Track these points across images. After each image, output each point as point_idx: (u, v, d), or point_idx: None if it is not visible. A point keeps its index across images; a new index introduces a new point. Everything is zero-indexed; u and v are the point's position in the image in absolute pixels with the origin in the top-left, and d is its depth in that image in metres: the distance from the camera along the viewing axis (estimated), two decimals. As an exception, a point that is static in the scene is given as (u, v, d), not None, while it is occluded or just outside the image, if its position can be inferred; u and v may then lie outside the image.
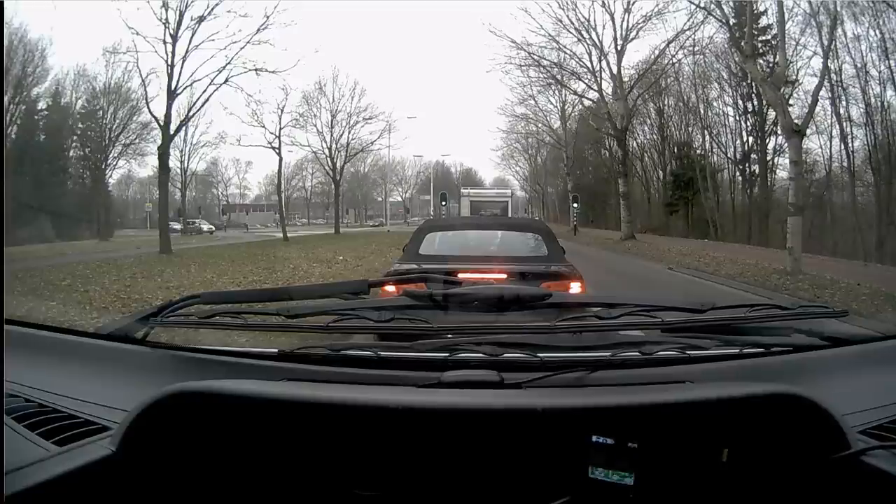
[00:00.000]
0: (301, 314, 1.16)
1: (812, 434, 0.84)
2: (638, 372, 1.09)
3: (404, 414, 0.86)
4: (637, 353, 1.10)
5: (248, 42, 17.18)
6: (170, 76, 16.73)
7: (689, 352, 1.12)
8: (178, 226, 29.70)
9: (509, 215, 21.99)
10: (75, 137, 26.33)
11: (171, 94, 16.83)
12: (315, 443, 0.88)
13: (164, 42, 16.49)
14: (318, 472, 0.89)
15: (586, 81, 26.15)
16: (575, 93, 28.08)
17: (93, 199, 25.98)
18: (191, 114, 18.97)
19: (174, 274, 10.75)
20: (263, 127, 24.31)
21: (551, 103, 33.08)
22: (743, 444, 0.86)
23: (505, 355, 1.07)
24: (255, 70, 17.65)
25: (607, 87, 25.34)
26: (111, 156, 26.06)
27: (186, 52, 16.75)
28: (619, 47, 24.67)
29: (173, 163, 27.19)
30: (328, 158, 28.99)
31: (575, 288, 3.72)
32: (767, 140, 25.94)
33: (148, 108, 20.47)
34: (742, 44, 15.75)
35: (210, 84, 17.34)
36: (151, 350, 1.21)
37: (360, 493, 0.88)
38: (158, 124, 17.35)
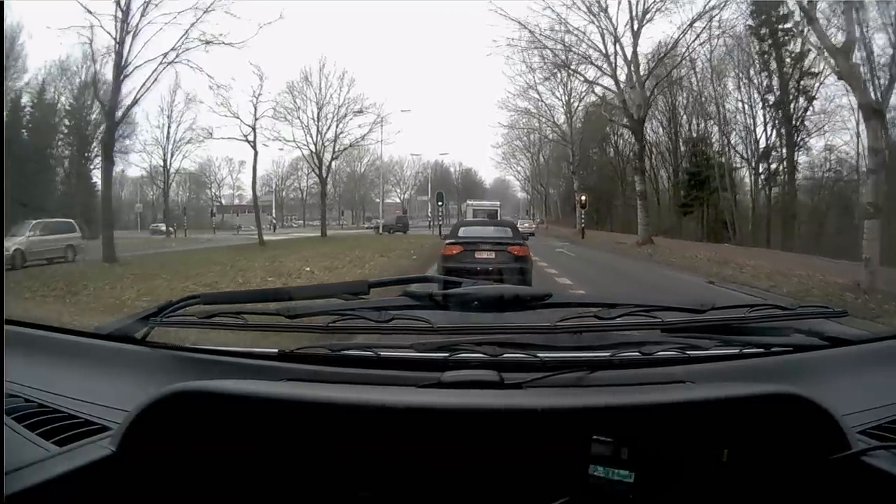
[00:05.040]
0: (301, 314, 1.16)
1: (812, 434, 0.84)
2: (638, 372, 1.09)
3: (404, 414, 0.86)
4: (637, 354, 1.10)
5: (206, 11, 15.29)
6: (118, 54, 14.75)
7: (688, 352, 1.12)
8: (163, 227, 28.46)
9: (498, 218, 25.19)
10: (61, 136, 24.87)
11: (119, 75, 14.83)
12: (315, 443, 0.88)
13: (116, 18, 14.63)
14: (318, 472, 0.89)
15: (599, 65, 23.47)
16: (585, 79, 25.63)
17: (76, 199, 23.81)
18: (138, 97, 16.29)
19: (92, 291, 9.10)
20: (237, 118, 21.68)
21: (556, 96, 31.67)
22: (743, 444, 0.86)
23: (505, 355, 1.07)
24: (206, 42, 15.58)
25: (621, 73, 22.85)
26: (93, 153, 24.18)
27: (137, 26, 14.72)
28: (635, 28, 21.84)
29: (157, 161, 26.12)
30: (313, 155, 26.84)
31: (524, 249, 8.37)
32: (797, 136, 24.19)
33: (95, 90, 17.77)
34: (805, 3, 12.85)
35: (161, 63, 15.35)
36: (151, 350, 1.21)
37: (360, 493, 0.88)
38: (103, 108, 15.50)
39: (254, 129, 21.46)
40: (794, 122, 24.25)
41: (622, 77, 22.63)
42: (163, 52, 15.55)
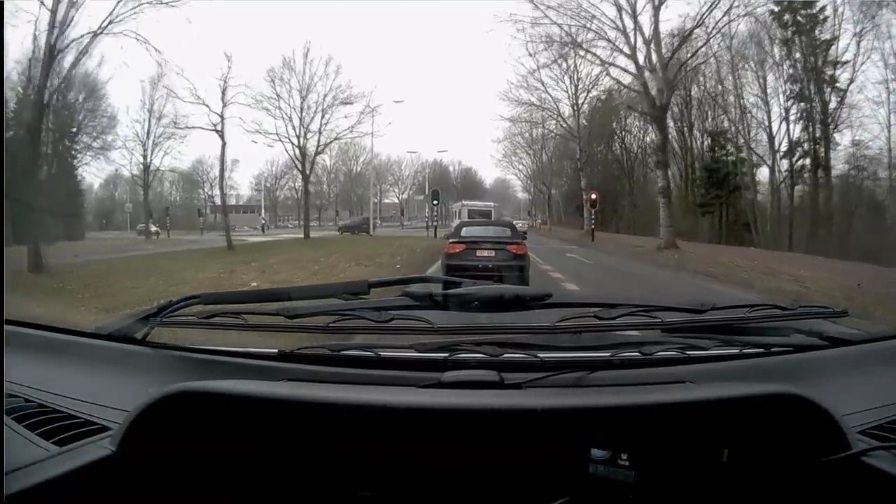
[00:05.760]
0: (301, 314, 1.16)
1: (812, 435, 0.84)
2: (638, 372, 1.09)
3: (405, 414, 0.86)
4: (637, 354, 1.10)
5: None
6: (52, 25, 12.88)
7: (688, 352, 1.12)
8: (151, 227, 26.80)
9: (492, 218, 24.32)
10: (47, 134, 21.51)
11: (53, 49, 12.97)
12: (315, 443, 0.88)
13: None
14: (318, 472, 0.89)
15: (616, 44, 20.40)
16: (601, 60, 22.13)
17: (58, 199, 21.03)
18: (72, 70, 14.77)
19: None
20: (205, 105, 19.21)
21: (561, 88, 29.09)
22: (743, 444, 0.86)
23: (505, 355, 1.07)
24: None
25: (639, 56, 19.94)
26: (77, 150, 22.10)
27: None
28: (656, 2, 19.10)
29: (139, 158, 23.75)
30: (295, 148, 23.78)
31: (522, 248, 8.71)
32: (831, 130, 21.54)
33: (30, 68, 14.55)
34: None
35: (96, 34, 13.53)
36: (151, 350, 1.22)
37: (360, 493, 0.88)
38: (31, 86, 13.25)
39: (222, 116, 19.12)
40: (827, 115, 21.91)
41: (641, 59, 19.86)
42: (110, 23, 13.78)
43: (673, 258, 15.07)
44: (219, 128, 19.04)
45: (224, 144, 20.07)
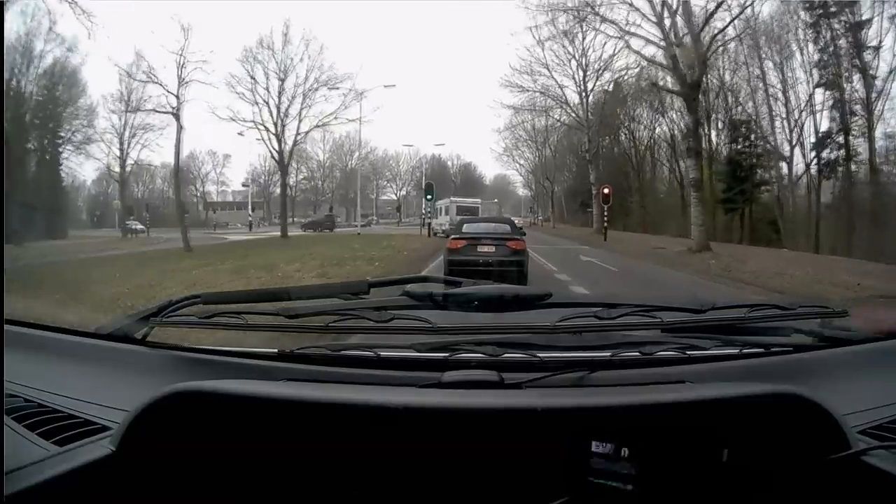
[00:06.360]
0: (301, 314, 1.16)
1: (812, 434, 0.84)
2: (638, 372, 1.09)
3: (405, 414, 0.86)
4: (637, 354, 1.10)
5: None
6: None
7: (688, 352, 1.12)
8: (136, 225, 25.79)
9: (479, 214, 23.24)
10: (33, 129, 21.39)
11: None
12: (315, 443, 0.88)
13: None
14: (318, 472, 0.89)
15: (641, 11, 17.54)
16: (620, 28, 19.11)
17: (38, 196, 20.44)
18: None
19: None
20: (160, 84, 17.63)
21: (568, 71, 26.72)
22: (743, 444, 0.86)
23: (505, 355, 1.07)
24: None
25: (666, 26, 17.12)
26: (60, 145, 21.56)
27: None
28: None
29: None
30: (272, 135, 21.59)
31: (521, 243, 8.77)
32: (876, 119, 19.40)
33: None
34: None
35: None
36: (151, 350, 1.22)
37: (360, 493, 0.88)
38: None
39: (178, 97, 17.62)
40: (870, 103, 19.86)
41: (668, 30, 17.06)
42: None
43: (711, 264, 12.37)
44: (176, 110, 17.44)
45: (181, 129, 18.09)
